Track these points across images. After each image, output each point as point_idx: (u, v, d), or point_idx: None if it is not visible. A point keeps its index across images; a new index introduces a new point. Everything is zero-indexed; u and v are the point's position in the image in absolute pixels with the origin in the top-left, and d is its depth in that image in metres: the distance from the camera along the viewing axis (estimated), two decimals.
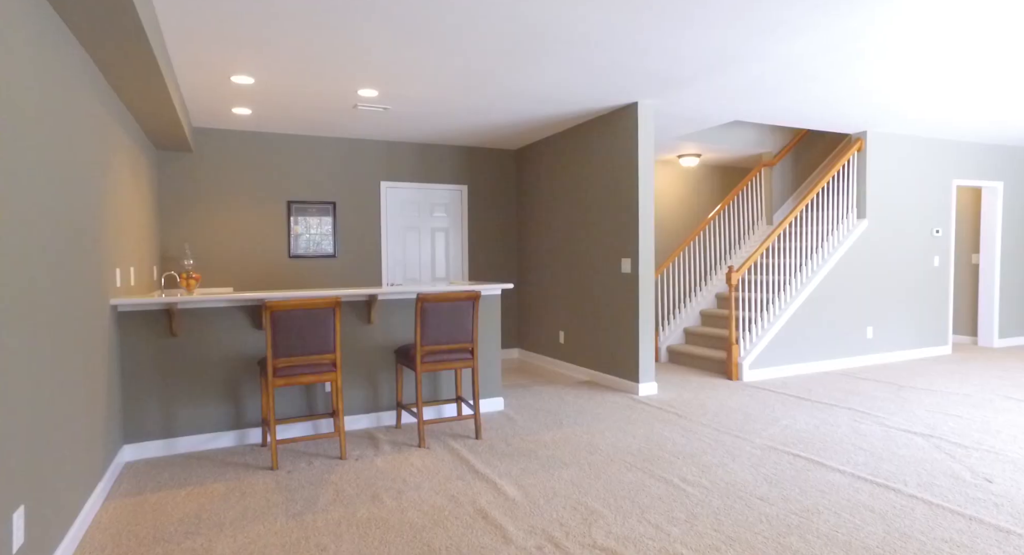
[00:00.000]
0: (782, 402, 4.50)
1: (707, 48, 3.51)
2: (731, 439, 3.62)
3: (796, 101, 4.74)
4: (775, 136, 6.98)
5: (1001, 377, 5.30)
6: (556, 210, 5.92)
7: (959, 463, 3.17)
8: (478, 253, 6.60)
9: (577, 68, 3.84)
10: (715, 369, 5.67)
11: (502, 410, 4.38)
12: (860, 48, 3.55)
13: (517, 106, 4.77)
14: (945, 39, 3.43)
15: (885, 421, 3.97)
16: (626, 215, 4.85)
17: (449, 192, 6.45)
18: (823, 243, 5.88)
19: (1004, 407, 4.30)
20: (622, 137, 4.88)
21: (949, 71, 4.04)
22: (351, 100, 4.51)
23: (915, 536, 2.36)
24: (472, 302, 3.65)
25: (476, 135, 5.89)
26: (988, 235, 6.94)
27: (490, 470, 3.14)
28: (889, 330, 6.14)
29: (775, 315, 5.51)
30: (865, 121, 5.54)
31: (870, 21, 3.14)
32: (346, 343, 3.91)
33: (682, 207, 8.00)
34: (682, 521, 2.51)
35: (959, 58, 3.78)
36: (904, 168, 6.17)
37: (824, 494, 2.78)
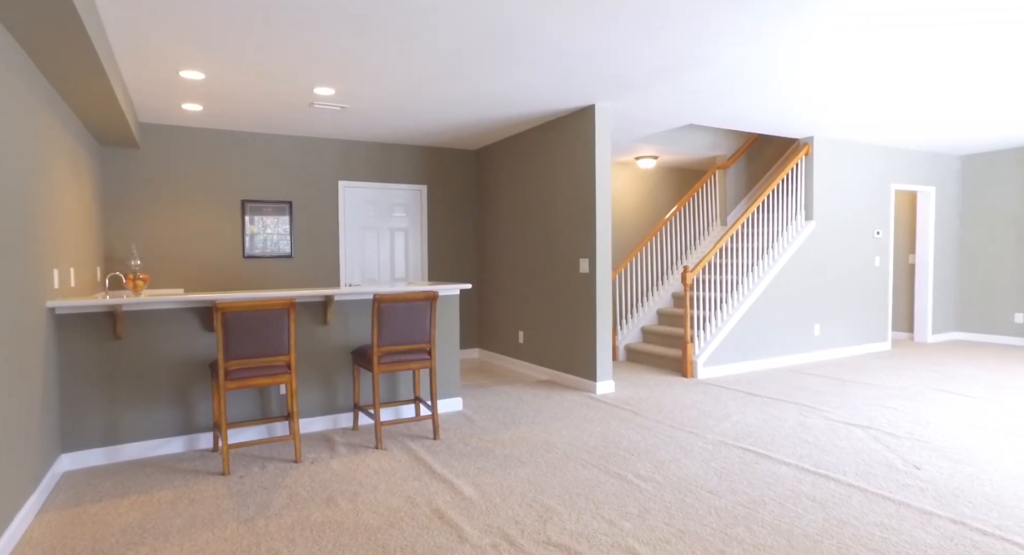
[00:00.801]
0: (734, 398, 4.65)
1: (662, 53, 3.60)
2: (684, 435, 3.72)
3: (747, 106, 4.90)
4: (728, 139, 7.19)
5: (933, 371, 5.60)
6: (516, 210, 5.95)
7: (893, 452, 3.34)
8: (438, 253, 6.58)
9: (535, 70, 3.88)
10: (671, 367, 5.81)
11: (461, 410, 4.39)
12: (806, 57, 3.70)
13: (476, 107, 4.78)
14: (880, 54, 3.61)
15: (829, 415, 4.14)
16: (584, 216, 4.92)
17: (408, 192, 6.41)
18: (773, 244, 6.09)
19: (935, 399, 4.54)
20: (580, 138, 4.94)
21: (885, 84, 4.25)
22: (307, 98, 4.44)
23: (850, 522, 2.48)
24: (429, 302, 3.65)
25: (436, 135, 5.87)
26: (923, 236, 7.32)
27: (447, 470, 3.15)
28: (834, 328, 6.40)
29: (728, 314, 5.68)
30: (811, 127, 5.76)
31: (814, 32, 3.28)
32: (301, 345, 3.84)
33: (640, 208, 8.15)
34: (635, 516, 2.57)
35: (893, 72, 3.98)
36: (847, 172, 6.44)
37: (770, 486, 2.89)
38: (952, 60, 3.80)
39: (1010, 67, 3.94)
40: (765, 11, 2.99)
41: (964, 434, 3.66)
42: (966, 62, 3.84)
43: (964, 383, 5.07)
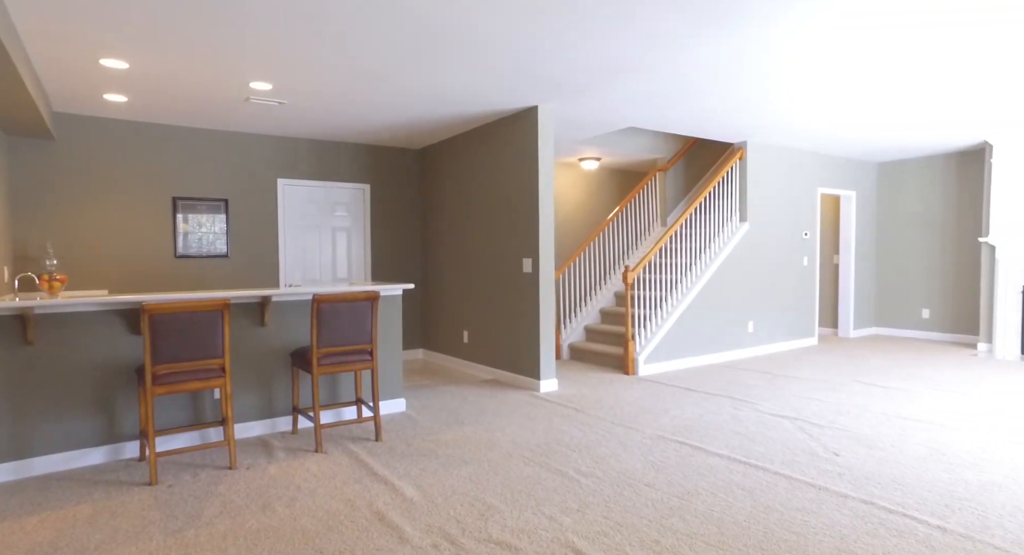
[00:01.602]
0: (672, 394, 4.80)
1: (602, 57, 3.68)
2: (624, 430, 3.82)
3: (686, 111, 5.08)
4: (668, 143, 7.42)
5: (854, 364, 5.97)
6: (460, 210, 5.95)
7: (815, 441, 3.54)
8: (381, 253, 6.49)
9: (478, 71, 3.89)
10: (614, 365, 5.94)
11: (404, 411, 4.35)
12: (740, 66, 3.87)
13: (419, 105, 4.75)
14: (806, 68, 3.82)
15: (760, 407, 4.34)
16: (527, 216, 4.97)
17: (351, 191, 6.30)
18: (710, 244, 6.33)
19: (854, 390, 4.84)
20: (523, 139, 4.99)
21: (810, 94, 4.49)
22: (242, 93, 4.29)
23: (776, 508, 2.61)
24: (371, 303, 3.60)
25: (378, 133, 5.79)
26: (845, 238, 7.78)
27: (389, 472, 3.12)
28: (767, 324, 6.71)
29: (668, 312, 5.86)
30: (746, 132, 6.02)
31: (748, 43, 3.43)
32: (237, 347, 3.71)
33: (583, 209, 8.29)
34: (575, 511, 2.63)
35: (817, 85, 4.21)
36: (779, 176, 6.77)
37: (703, 477, 3.01)
38: (867, 77, 4.05)
39: (915, 87, 4.24)
40: (703, 21, 3.11)
41: (878, 422, 3.92)
42: (880, 80, 4.10)
43: (880, 375, 5.42)
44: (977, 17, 3.12)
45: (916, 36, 3.38)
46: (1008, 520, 2.49)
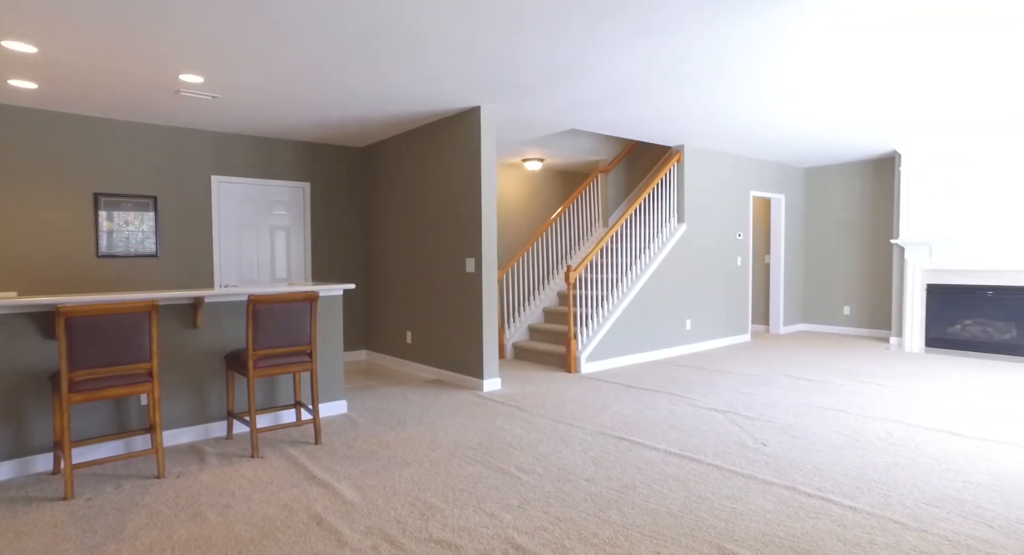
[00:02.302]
0: (613, 391, 4.93)
1: (543, 60, 3.74)
2: (565, 428, 3.89)
3: (625, 115, 5.21)
4: (609, 145, 7.60)
5: (783, 358, 6.29)
6: (402, 210, 5.90)
7: (745, 432, 3.72)
8: (322, 253, 6.36)
9: (419, 70, 3.88)
10: (557, 363, 6.04)
11: (345, 413, 4.28)
12: (678, 72, 4.01)
13: (360, 103, 4.68)
14: (737, 76, 4.00)
15: (695, 402, 4.52)
16: (470, 216, 4.99)
17: (290, 189, 6.13)
18: (649, 244, 6.53)
19: (782, 384, 5.11)
20: (466, 139, 5.00)
21: (742, 101, 4.71)
22: (171, 85, 4.11)
23: (707, 497, 2.74)
24: (310, 303, 3.53)
25: (319, 131, 5.66)
26: (775, 239, 8.18)
27: (328, 475, 3.06)
28: (703, 322, 6.98)
29: (609, 311, 6.00)
30: (683, 136, 6.24)
31: (685, 51, 3.56)
32: (167, 350, 3.56)
33: (527, 209, 8.38)
34: (515, 507, 2.66)
35: (747, 93, 4.42)
36: (714, 179, 7.05)
37: (641, 470, 3.11)
38: (789, 89, 4.29)
39: (832, 99, 4.53)
40: (639, 30, 3.21)
41: (802, 412, 4.16)
42: (800, 91, 4.35)
43: (805, 369, 5.74)
44: (881, 38, 3.36)
45: (832, 54, 3.61)
46: (907, 497, 2.70)
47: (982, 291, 6.37)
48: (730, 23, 3.16)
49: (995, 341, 6.33)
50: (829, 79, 4.20)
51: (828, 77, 4.15)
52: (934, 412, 4.14)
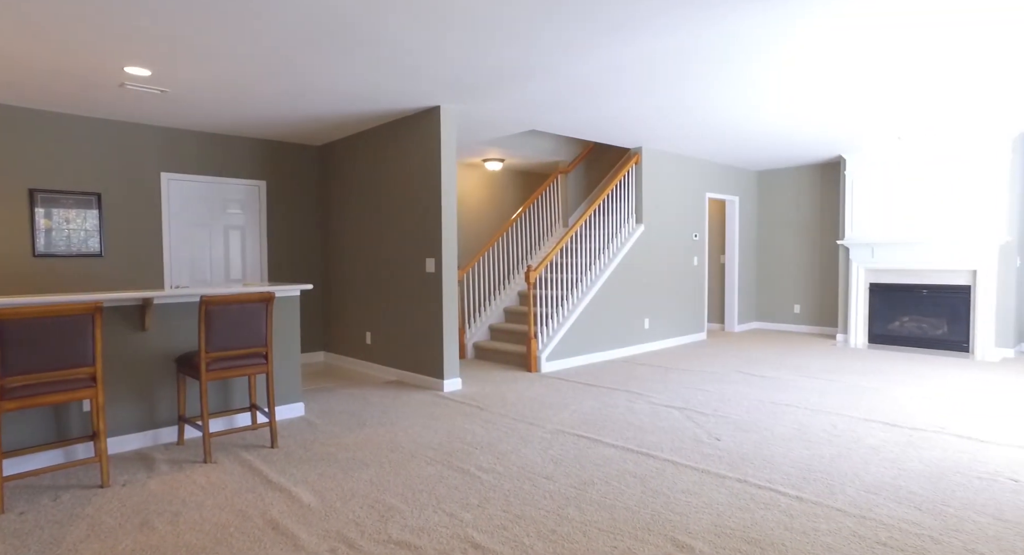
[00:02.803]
0: (573, 389, 4.98)
1: (503, 61, 3.76)
2: (525, 426, 3.92)
3: (585, 116, 5.28)
4: (570, 146, 7.68)
5: (737, 356, 6.49)
6: (362, 209, 5.83)
7: (700, 428, 3.82)
8: (279, 253, 6.22)
9: (379, 68, 3.84)
10: (517, 363, 6.07)
11: (303, 415, 4.21)
12: (633, 76, 4.09)
13: (317, 101, 4.61)
14: (694, 80, 4.11)
15: (652, 399, 4.62)
16: (430, 216, 4.97)
17: (245, 188, 5.98)
18: (609, 244, 6.63)
19: (736, 380, 5.27)
20: (426, 139, 4.98)
21: (698, 106, 4.84)
22: (116, 77, 3.96)
23: (663, 492, 2.81)
24: (265, 304, 3.45)
25: (275, 128, 5.54)
26: (730, 239, 8.43)
27: (285, 478, 3.01)
28: (661, 321, 7.13)
29: (569, 310, 6.07)
30: (641, 138, 6.36)
31: (640, 53, 3.64)
32: (113, 354, 3.42)
33: (488, 209, 8.39)
34: (475, 506, 2.67)
35: (704, 97, 4.55)
36: (671, 181, 7.21)
37: (599, 467, 3.16)
38: (740, 95, 4.43)
39: (781, 106, 4.70)
40: (598, 31, 3.26)
41: (754, 407, 4.30)
42: (751, 98, 4.51)
43: (758, 365, 5.94)
44: (825, 49, 3.51)
45: (781, 64, 3.75)
46: (848, 486, 2.83)
47: (918, 290, 6.72)
48: (687, 29, 3.25)
49: (929, 337, 6.68)
50: (778, 87, 4.36)
51: (777, 85, 4.31)
52: (874, 405, 4.34)
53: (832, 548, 2.25)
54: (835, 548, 2.25)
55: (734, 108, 5.02)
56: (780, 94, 4.59)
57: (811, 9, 3.01)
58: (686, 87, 4.38)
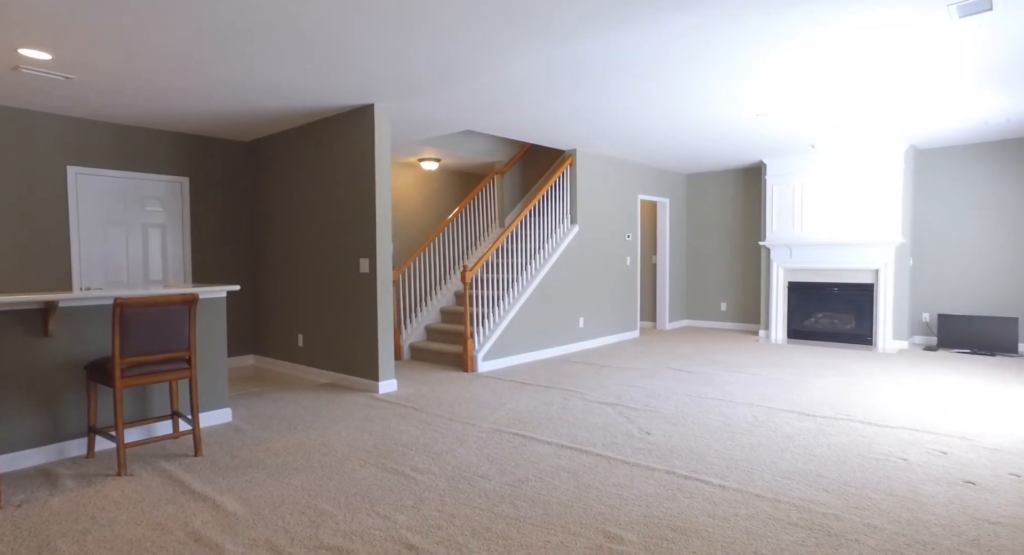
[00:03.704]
0: (509, 388, 5.03)
1: (437, 60, 3.74)
2: (461, 426, 3.92)
3: (519, 118, 5.34)
4: (505, 147, 7.73)
5: (668, 353, 6.74)
6: (293, 208, 5.65)
7: (632, 423, 3.95)
8: (204, 253, 5.93)
9: (310, 64, 3.74)
10: (454, 363, 6.05)
11: (230, 421, 4.03)
12: (569, 77, 4.17)
13: (242, 97, 4.43)
14: (623, 86, 4.24)
15: (587, 396, 4.72)
16: (364, 215, 4.88)
17: (166, 184, 5.66)
18: (544, 245, 6.72)
19: (666, 375, 5.48)
20: (360, 137, 4.89)
21: (628, 110, 4.99)
22: (8, 59, 3.65)
23: (595, 486, 2.88)
24: (188, 306, 3.29)
25: (199, 122, 5.28)
26: (661, 240, 8.74)
27: (209, 488, 2.88)
28: (596, 320, 7.30)
29: (505, 310, 6.11)
30: (575, 140, 6.49)
31: (570, 58, 3.71)
32: (8, 362, 3.16)
33: (424, 209, 8.32)
34: (409, 508, 2.65)
35: (633, 103, 4.70)
36: (604, 182, 7.39)
37: (533, 464, 3.20)
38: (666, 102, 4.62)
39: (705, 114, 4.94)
40: (537, 32, 3.31)
41: (683, 402, 4.48)
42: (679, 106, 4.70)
43: (686, 361, 6.19)
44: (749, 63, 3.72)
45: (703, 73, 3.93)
46: (766, 473, 3.01)
47: (830, 288, 7.20)
48: (618, 33, 3.35)
49: (840, 331, 7.18)
50: (701, 95, 4.56)
51: (700, 93, 4.51)
52: (791, 397, 4.62)
53: (750, 531, 2.39)
54: (752, 531, 2.39)
55: (662, 113, 5.21)
56: (704, 101, 4.80)
57: (735, 20, 3.17)
58: (616, 92, 4.51)
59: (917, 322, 7.15)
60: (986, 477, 2.96)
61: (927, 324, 7.08)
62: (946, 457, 3.24)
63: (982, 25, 3.28)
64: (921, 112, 5.21)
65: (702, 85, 4.33)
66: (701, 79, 4.18)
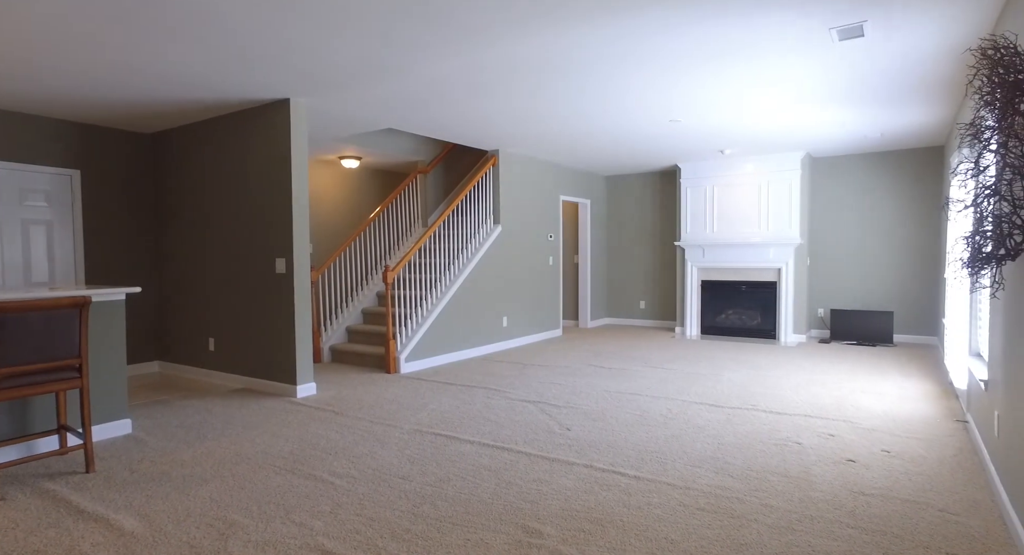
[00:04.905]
0: (432, 389, 4.99)
1: (353, 56, 3.65)
2: (383, 428, 3.86)
3: (440, 117, 5.31)
4: (429, 146, 7.67)
5: (589, 350, 6.92)
6: (203, 206, 5.34)
7: (553, 420, 4.03)
8: (99, 253, 5.49)
9: (219, 54, 3.55)
10: (376, 364, 5.94)
11: (130, 433, 3.76)
12: (485, 81, 4.19)
13: (146, 84, 4.14)
14: (545, 88, 4.32)
15: (509, 395, 4.77)
16: (280, 214, 4.69)
17: (53, 176, 5.19)
18: (467, 245, 6.72)
19: (587, 373, 5.63)
20: (275, 133, 4.69)
21: (548, 114, 5.09)
22: None
23: (516, 483, 2.92)
24: (78, 310, 3.03)
25: (93, 110, 4.87)
26: (583, 240, 8.96)
27: (102, 506, 2.67)
28: (519, 319, 7.38)
29: (428, 310, 6.06)
30: (497, 141, 6.53)
31: (490, 62, 3.74)
32: None
33: (345, 208, 8.10)
34: (327, 513, 2.58)
35: (554, 106, 4.79)
36: (527, 183, 7.49)
37: (455, 463, 3.20)
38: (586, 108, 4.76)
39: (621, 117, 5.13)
40: (455, 35, 3.30)
41: (602, 398, 4.62)
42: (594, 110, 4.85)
43: (607, 358, 6.39)
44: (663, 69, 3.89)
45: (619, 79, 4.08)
46: (678, 462, 3.17)
47: (739, 286, 7.66)
48: (542, 39, 3.41)
49: (748, 327, 7.66)
50: (619, 100, 4.73)
51: (617, 98, 4.67)
52: (703, 389, 4.88)
53: (662, 519, 2.50)
54: (664, 518, 2.50)
55: (583, 116, 5.35)
56: (623, 106, 4.97)
57: (643, 34, 3.31)
58: (539, 95, 4.59)
59: (814, 317, 7.74)
60: (864, 455, 3.26)
61: (822, 319, 7.68)
62: (833, 439, 3.53)
63: (857, 50, 3.61)
64: (811, 124, 5.65)
65: (621, 91, 4.49)
66: (620, 85, 4.33)
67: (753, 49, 3.60)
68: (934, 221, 7.03)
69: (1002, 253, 1.98)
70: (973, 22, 3.22)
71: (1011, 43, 1.95)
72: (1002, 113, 1.88)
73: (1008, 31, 2.82)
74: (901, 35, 3.39)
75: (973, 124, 2.17)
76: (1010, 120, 1.85)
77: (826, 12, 3.08)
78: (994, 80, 1.91)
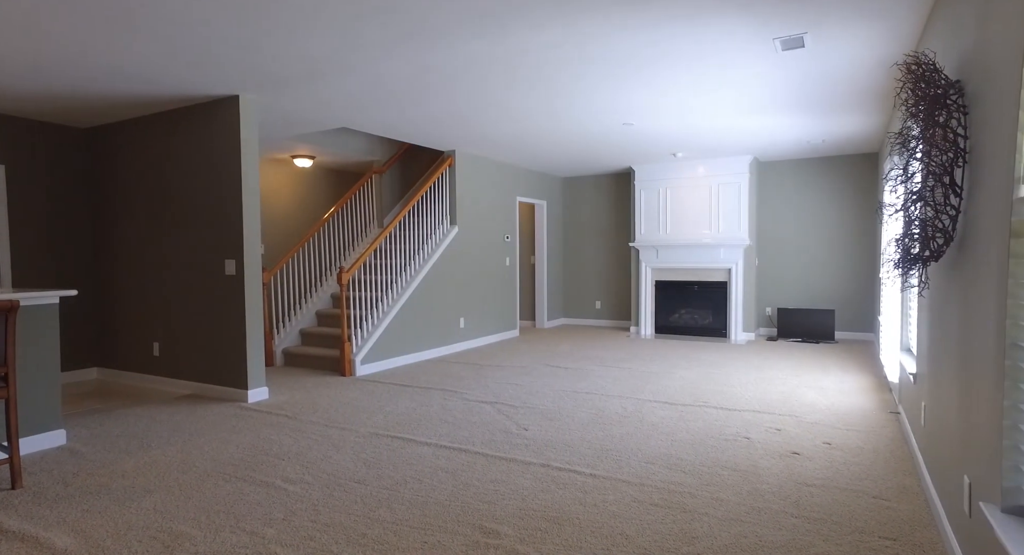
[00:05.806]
0: (388, 391, 4.93)
1: (302, 53, 3.58)
2: (338, 432, 3.79)
3: (394, 117, 5.25)
4: (384, 146, 7.57)
5: (546, 351, 6.98)
6: (147, 205, 5.12)
7: (510, 420, 4.05)
8: (28, 253, 5.19)
9: (163, 47, 3.41)
10: (331, 367, 5.82)
11: (64, 444, 3.57)
12: (442, 79, 4.17)
13: (81, 76, 3.94)
14: (498, 90, 4.33)
15: (466, 396, 4.76)
16: (229, 213, 4.55)
17: None
18: (423, 246, 6.67)
19: (544, 373, 5.67)
20: (224, 130, 4.54)
21: (505, 114, 5.11)
22: None
23: (473, 484, 2.92)
24: (4, 315, 2.86)
25: (19, 102, 4.61)
26: (540, 241, 9.03)
27: (31, 524, 2.53)
28: (476, 320, 7.37)
29: (384, 312, 5.98)
30: (453, 142, 6.51)
31: (447, 63, 3.72)
32: None
33: (298, 208, 7.92)
34: (279, 521, 2.52)
35: (509, 107, 4.81)
36: (483, 184, 7.49)
37: (412, 466, 3.17)
38: (547, 109, 4.80)
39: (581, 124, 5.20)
40: (406, 34, 3.27)
41: (559, 397, 4.67)
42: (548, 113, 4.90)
43: (564, 358, 6.45)
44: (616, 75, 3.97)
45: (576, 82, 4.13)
46: (633, 460, 3.23)
47: (691, 286, 7.87)
48: (492, 40, 3.41)
49: (700, 326, 7.88)
50: (572, 102, 4.79)
51: (570, 101, 4.73)
52: (657, 388, 4.99)
53: (617, 515, 2.55)
54: (619, 515, 2.55)
55: (539, 118, 5.40)
56: (577, 108, 5.04)
57: (591, 38, 3.36)
58: (494, 96, 4.60)
59: (762, 316, 8.02)
60: (807, 447, 3.41)
61: (769, 317, 7.98)
62: (780, 433, 3.67)
63: (799, 60, 3.78)
64: (757, 129, 5.86)
65: (570, 93, 4.54)
66: (573, 87, 4.39)
67: (699, 55, 3.71)
68: (870, 224, 7.40)
69: (927, 254, 2.11)
70: (900, 38, 3.41)
71: (930, 60, 2.08)
72: (924, 124, 2.01)
73: (928, 49, 3.01)
74: (838, 47, 3.56)
75: (901, 134, 2.31)
76: (931, 131, 1.97)
77: (771, 23, 3.20)
78: (917, 93, 2.04)
